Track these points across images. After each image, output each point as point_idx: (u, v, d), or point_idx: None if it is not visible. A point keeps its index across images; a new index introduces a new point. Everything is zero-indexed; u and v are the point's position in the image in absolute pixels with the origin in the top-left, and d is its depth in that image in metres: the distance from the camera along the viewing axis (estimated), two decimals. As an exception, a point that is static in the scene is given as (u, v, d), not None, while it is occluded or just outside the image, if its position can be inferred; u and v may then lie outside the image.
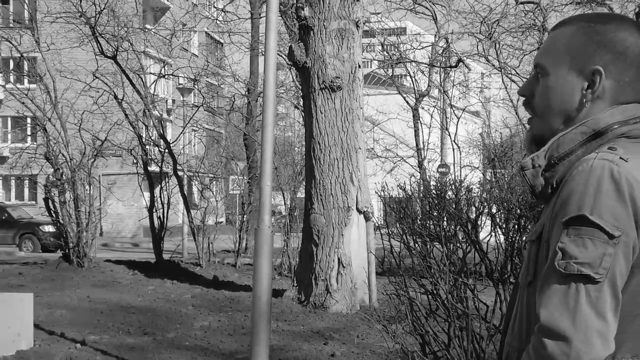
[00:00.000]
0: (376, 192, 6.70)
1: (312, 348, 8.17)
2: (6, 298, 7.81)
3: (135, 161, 16.55)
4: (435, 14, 21.44)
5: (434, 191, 6.01)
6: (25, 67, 19.07)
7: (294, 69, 16.14)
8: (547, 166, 1.76)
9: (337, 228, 10.54)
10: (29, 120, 22.34)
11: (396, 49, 22.39)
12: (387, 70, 22.93)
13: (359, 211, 10.69)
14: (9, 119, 39.19)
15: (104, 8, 14.95)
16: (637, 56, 1.76)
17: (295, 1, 11.21)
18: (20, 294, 8.38)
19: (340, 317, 9.97)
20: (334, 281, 10.46)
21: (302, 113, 16.83)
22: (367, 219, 10.80)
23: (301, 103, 18.26)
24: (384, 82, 36.49)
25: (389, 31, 23.99)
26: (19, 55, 15.32)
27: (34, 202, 39.05)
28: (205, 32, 38.75)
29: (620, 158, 1.64)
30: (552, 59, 1.82)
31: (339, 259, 10.49)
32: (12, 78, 22.40)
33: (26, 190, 40.82)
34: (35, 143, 16.08)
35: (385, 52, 22.39)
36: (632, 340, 1.66)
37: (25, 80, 21.44)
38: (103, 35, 15.12)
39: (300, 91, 16.72)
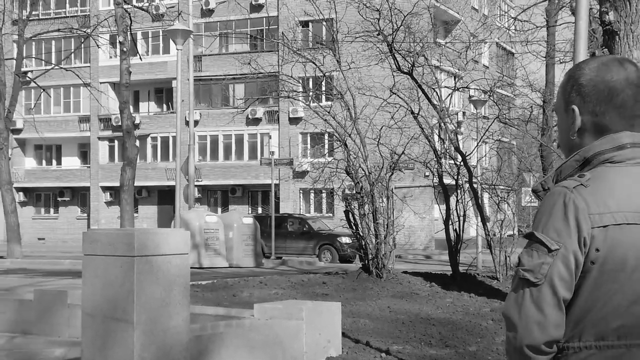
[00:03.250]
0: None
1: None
2: (317, 306, 8.21)
3: (427, 174, 16.69)
4: None
5: None
6: (323, 86, 20.05)
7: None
8: None
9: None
10: (326, 136, 23.46)
11: None
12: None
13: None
14: (308, 135, 41.46)
15: (400, 25, 15.31)
16: (603, 91, 2.14)
17: (598, 6, 10.74)
18: (328, 303, 8.78)
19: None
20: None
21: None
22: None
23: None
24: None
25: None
26: (322, 75, 16.13)
27: (331, 215, 40.93)
28: (496, 43, 38.43)
29: (581, 184, 2.07)
30: (557, 103, 2.28)
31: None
32: (310, 97, 23.64)
33: (324, 203, 42.88)
34: (334, 158, 16.82)
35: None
36: (592, 327, 2.09)
37: (323, 98, 22.55)
38: (399, 52, 15.49)
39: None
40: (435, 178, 16.30)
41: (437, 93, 16.36)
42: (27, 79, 32.61)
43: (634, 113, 2.16)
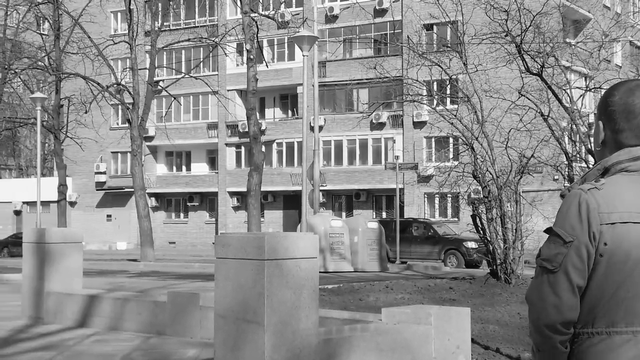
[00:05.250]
0: None
1: None
2: (446, 311, 8.09)
3: (556, 177, 16.21)
4: None
5: None
6: (449, 89, 19.82)
7: None
8: None
9: None
10: (451, 140, 23.16)
11: None
12: None
13: None
14: (433, 139, 41.13)
15: (529, 25, 14.98)
16: (622, 112, 2.46)
17: None
18: (458, 308, 8.64)
19: None
20: None
21: None
22: None
23: None
24: None
25: None
26: (448, 78, 15.97)
27: (456, 219, 40.43)
28: (630, 42, 37.05)
29: (595, 187, 2.39)
30: (595, 116, 2.62)
31: None
32: (436, 100, 23.40)
33: (449, 207, 42.40)
34: (460, 162, 16.59)
35: None
36: (603, 315, 2.37)
37: (449, 101, 22.29)
38: (528, 53, 15.15)
39: None
40: (565, 181, 15.83)
41: (567, 94, 15.93)
42: (159, 87, 33.72)
43: None
